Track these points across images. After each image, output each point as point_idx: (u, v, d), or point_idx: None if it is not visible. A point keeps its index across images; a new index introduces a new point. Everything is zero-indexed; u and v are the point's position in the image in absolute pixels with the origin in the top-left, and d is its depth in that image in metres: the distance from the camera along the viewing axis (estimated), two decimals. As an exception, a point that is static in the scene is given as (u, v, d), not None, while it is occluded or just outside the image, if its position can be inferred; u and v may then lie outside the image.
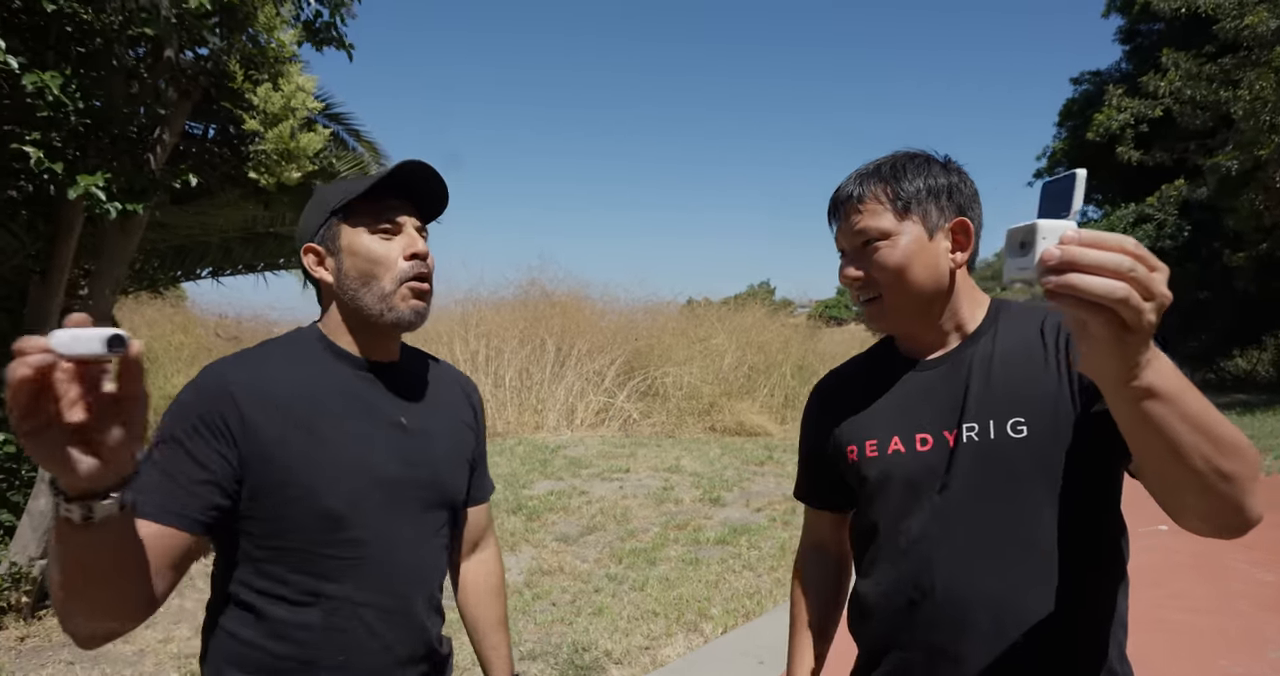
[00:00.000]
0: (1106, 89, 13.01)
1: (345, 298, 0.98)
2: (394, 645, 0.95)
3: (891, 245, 0.92)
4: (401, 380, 1.03)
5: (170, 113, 3.32)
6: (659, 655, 3.12)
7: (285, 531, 0.90)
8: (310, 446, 0.91)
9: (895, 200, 0.93)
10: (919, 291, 0.93)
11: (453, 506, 1.06)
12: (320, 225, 0.99)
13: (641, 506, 5.66)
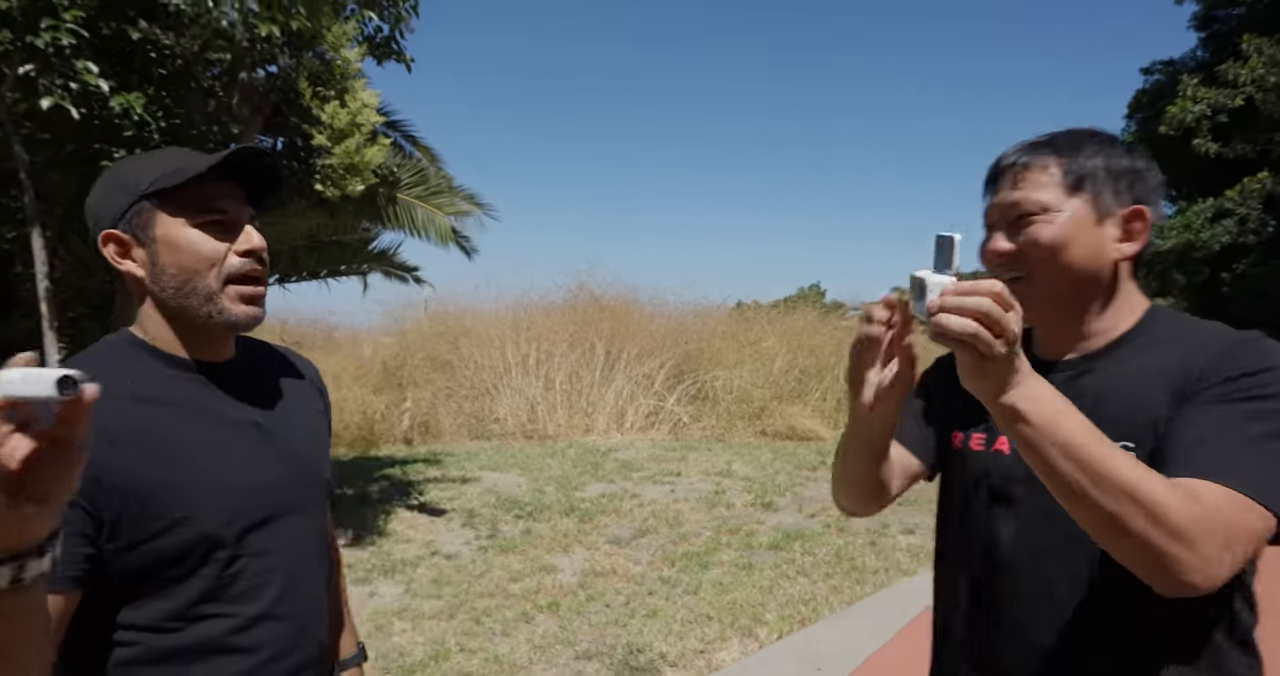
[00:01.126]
0: (1180, 79, 12.37)
1: (164, 296, 0.85)
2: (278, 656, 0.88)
3: (1048, 220, 0.83)
4: (244, 378, 0.93)
5: (243, 129, 3.50)
6: (714, 659, 3.11)
7: (155, 564, 0.80)
8: (164, 471, 0.80)
9: (1066, 173, 0.83)
10: (1073, 277, 0.83)
11: (325, 498, 1.02)
12: (125, 209, 0.84)
13: (693, 510, 5.64)
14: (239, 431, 0.89)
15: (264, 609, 0.87)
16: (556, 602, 3.76)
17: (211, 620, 0.83)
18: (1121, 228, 0.84)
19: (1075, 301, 0.86)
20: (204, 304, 0.85)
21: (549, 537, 4.92)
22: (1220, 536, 0.64)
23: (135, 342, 0.88)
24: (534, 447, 8.65)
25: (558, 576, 4.20)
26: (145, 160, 0.89)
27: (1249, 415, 0.71)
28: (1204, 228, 12.90)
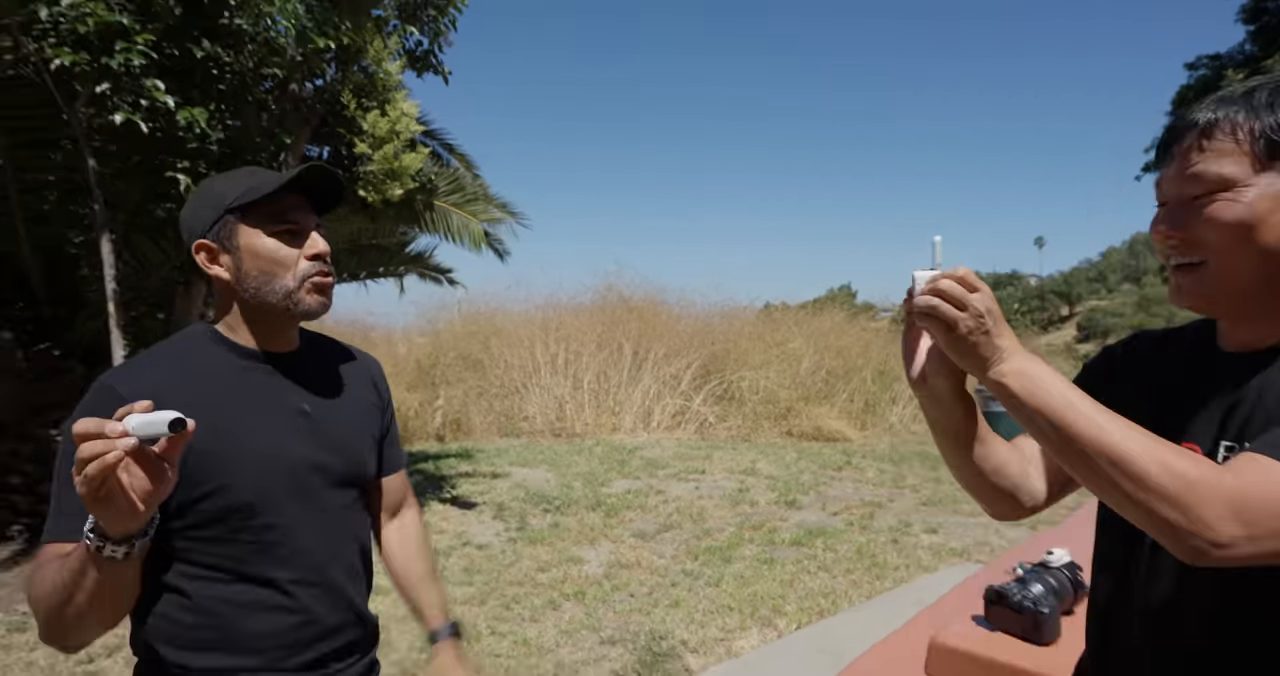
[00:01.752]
0: (1226, 74, 12.08)
1: (246, 295, 0.98)
2: (319, 617, 1.00)
3: (1234, 198, 0.70)
4: (301, 369, 1.05)
5: (294, 139, 3.73)
6: (733, 646, 3.23)
7: (202, 524, 0.93)
8: (215, 443, 0.92)
9: (1258, 138, 0.70)
10: (1261, 265, 0.71)
11: (361, 483, 1.11)
12: (214, 222, 0.98)
13: (717, 507, 5.76)
14: (286, 415, 1.01)
15: (300, 574, 0.99)
16: (583, 591, 3.92)
17: (255, 580, 0.96)
18: None
19: (1264, 292, 0.73)
20: (282, 300, 0.99)
21: (576, 530, 5.08)
22: (1223, 504, 0.60)
23: (211, 334, 1.02)
24: (562, 445, 8.83)
25: (584, 567, 4.35)
26: (228, 179, 1.03)
27: None
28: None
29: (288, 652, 0.98)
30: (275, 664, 0.97)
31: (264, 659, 0.96)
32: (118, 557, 0.75)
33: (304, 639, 0.99)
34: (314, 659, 1.00)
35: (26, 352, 4.73)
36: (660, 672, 3.00)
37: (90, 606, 0.80)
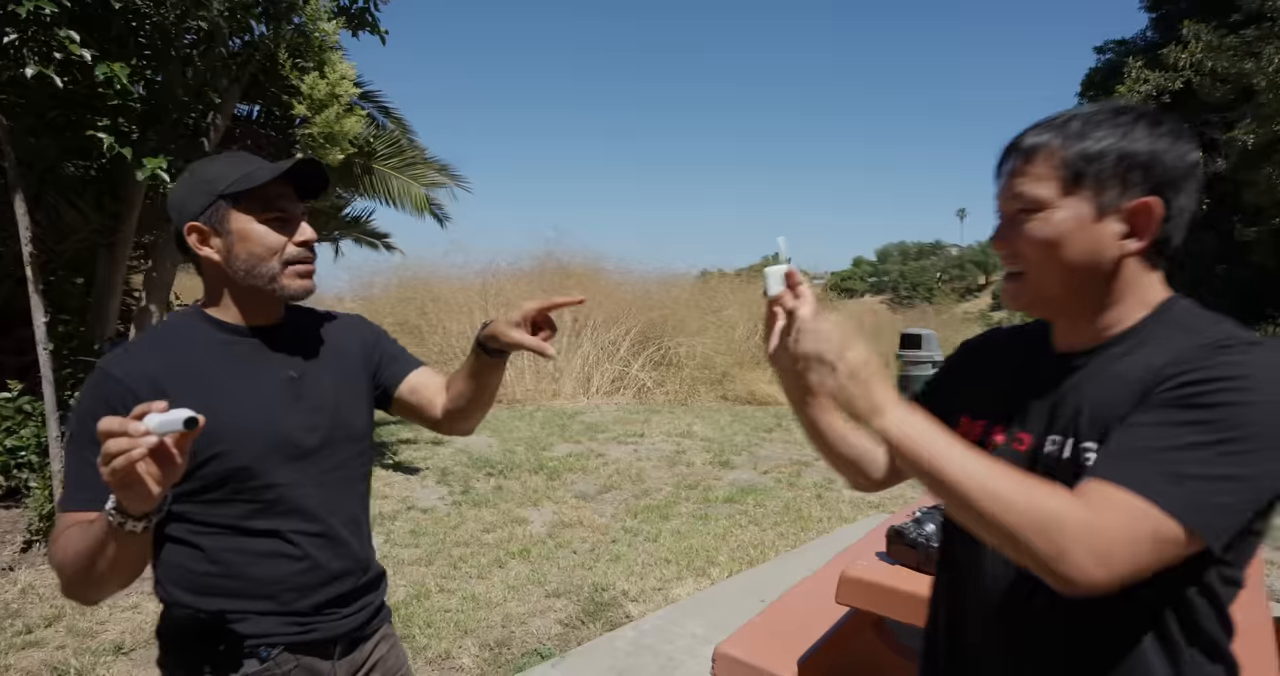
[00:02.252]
0: (1127, 61, 12.87)
1: (235, 276, 1.05)
2: (323, 563, 1.09)
3: (1045, 219, 0.79)
4: (285, 339, 1.12)
5: (223, 98, 3.60)
6: (670, 594, 3.47)
7: (206, 488, 1.02)
8: (217, 413, 0.96)
9: (1066, 165, 0.78)
10: (1067, 277, 0.80)
11: (357, 437, 1.18)
12: (207, 206, 1.03)
13: (655, 468, 6.00)
14: (275, 383, 1.09)
15: (302, 525, 1.08)
16: (527, 550, 4.08)
17: (260, 533, 1.05)
18: (1127, 222, 0.78)
19: (1073, 299, 0.83)
20: (268, 282, 1.06)
21: (519, 493, 5.23)
22: (1086, 548, 0.64)
23: (198, 314, 1.10)
24: (503, 411, 8.90)
25: (528, 527, 4.51)
26: (221, 163, 1.08)
27: (1181, 422, 0.69)
28: (1144, 204, 13.58)
29: (296, 596, 1.07)
30: (285, 607, 1.06)
31: (274, 603, 1.06)
32: (136, 532, 0.85)
33: (310, 583, 1.08)
34: (321, 602, 1.09)
35: (-72, 319, 4.45)
36: (603, 620, 3.20)
37: (111, 571, 0.90)
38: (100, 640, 3.02)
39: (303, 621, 1.08)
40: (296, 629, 1.08)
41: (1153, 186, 0.77)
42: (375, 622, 1.20)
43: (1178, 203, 0.78)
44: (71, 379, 3.95)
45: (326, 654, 1.11)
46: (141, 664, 2.84)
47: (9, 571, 3.74)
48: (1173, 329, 0.79)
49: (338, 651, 1.13)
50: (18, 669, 2.78)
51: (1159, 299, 0.82)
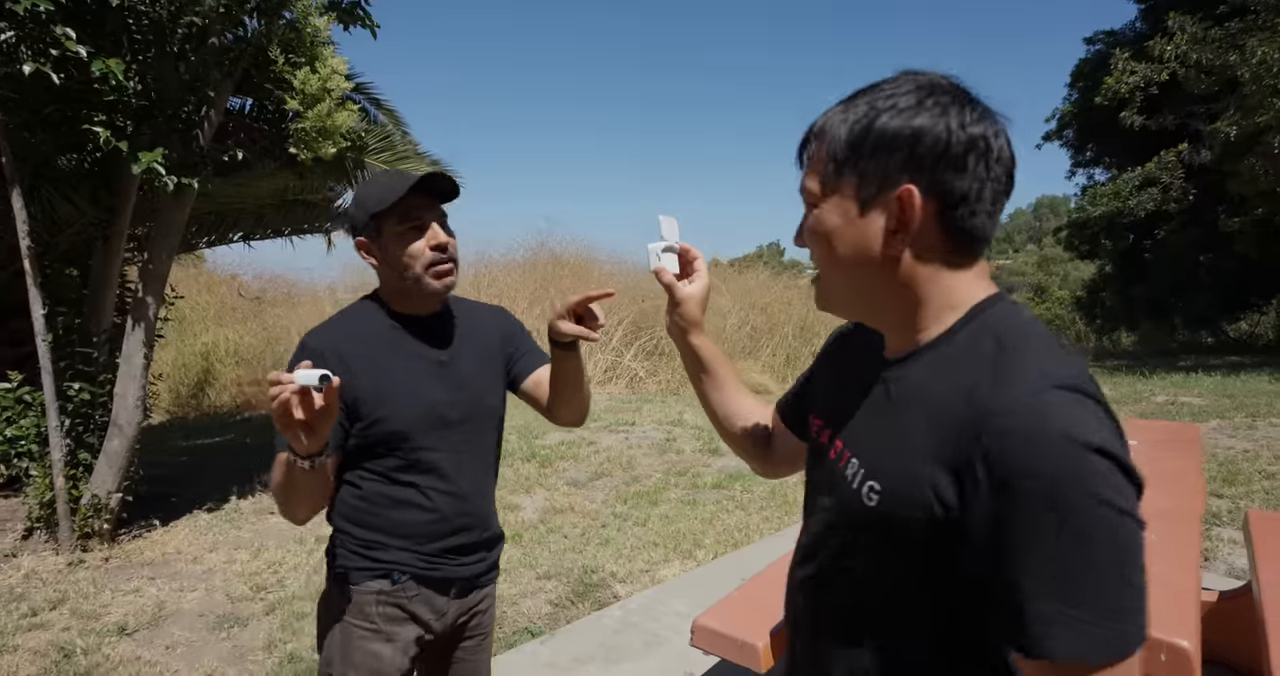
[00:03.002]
0: (1114, 53, 12.94)
1: (392, 278, 1.30)
2: (448, 516, 1.32)
3: (817, 216, 0.72)
4: (439, 328, 1.36)
5: (217, 93, 3.65)
6: (657, 575, 3.59)
7: (371, 445, 1.28)
8: (381, 387, 1.26)
9: (831, 156, 0.69)
10: (848, 278, 0.72)
11: (491, 415, 1.41)
12: (364, 223, 1.28)
13: (645, 456, 6.12)
14: (427, 364, 1.32)
15: (437, 484, 1.31)
16: (519, 534, 4.19)
17: (401, 483, 1.30)
18: (889, 215, 0.67)
19: (869, 302, 0.73)
20: (413, 283, 1.28)
21: (512, 480, 5.33)
22: None
23: (374, 303, 1.35)
24: (496, 400, 8.99)
25: (520, 513, 4.62)
26: (375, 184, 1.29)
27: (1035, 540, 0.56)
28: (1131, 195, 13.69)
29: (425, 539, 1.31)
30: (413, 546, 1.31)
31: (408, 541, 1.31)
32: (305, 468, 1.09)
33: (437, 531, 1.32)
34: (445, 548, 1.33)
35: (-74, 310, 4.50)
36: (591, 600, 3.32)
37: (295, 497, 1.18)
38: (103, 622, 3.12)
39: (429, 560, 1.32)
40: (423, 565, 1.32)
41: (917, 170, 0.65)
42: (488, 577, 1.43)
43: (957, 184, 0.65)
44: (70, 369, 4.02)
45: (444, 591, 1.35)
46: (144, 643, 2.94)
47: (12, 557, 3.84)
48: (970, 348, 0.67)
49: (453, 591, 1.37)
50: (25, 648, 2.88)
51: (971, 301, 0.70)
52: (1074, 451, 0.55)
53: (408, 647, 1.32)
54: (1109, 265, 17.17)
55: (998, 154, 0.67)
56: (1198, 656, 1.25)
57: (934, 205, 0.66)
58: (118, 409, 3.91)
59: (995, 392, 0.60)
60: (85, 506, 3.86)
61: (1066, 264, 38.39)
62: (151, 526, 4.27)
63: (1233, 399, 7.75)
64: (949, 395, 0.63)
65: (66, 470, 3.82)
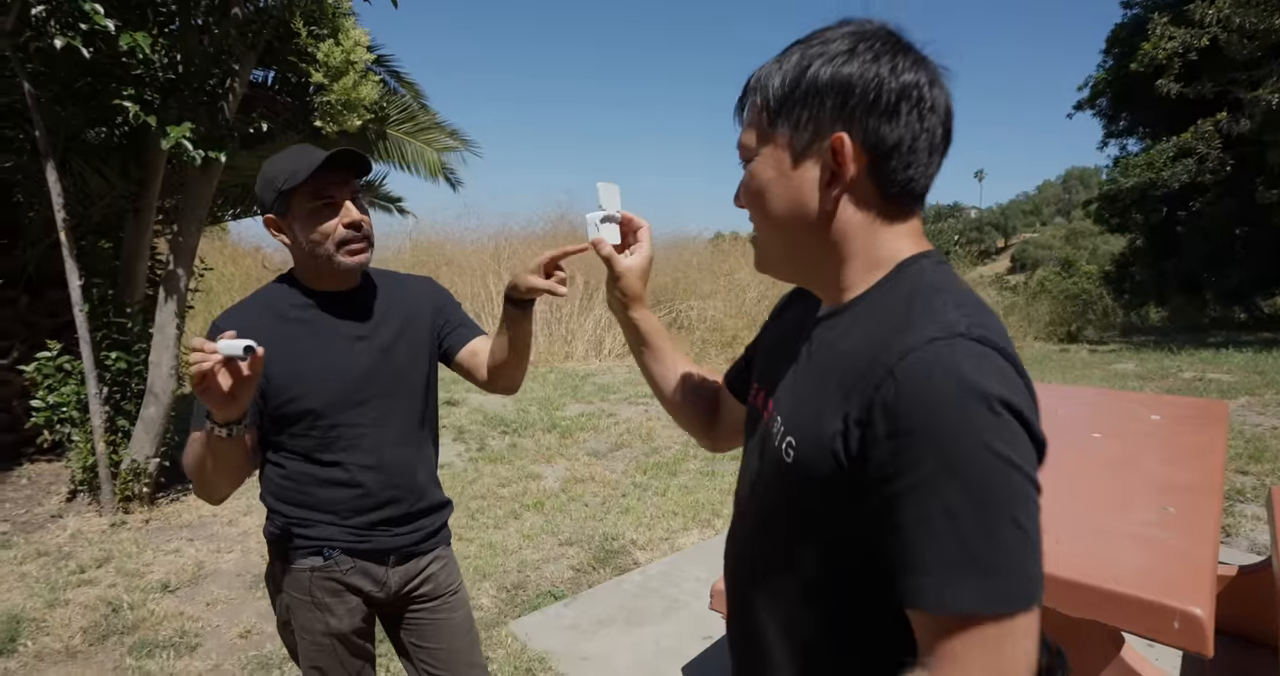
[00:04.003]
0: (1152, 17, 12.46)
1: (304, 255, 1.26)
2: (373, 492, 1.31)
3: (751, 171, 0.71)
4: (357, 302, 1.33)
5: (240, 66, 3.68)
6: (676, 543, 3.67)
7: (287, 423, 1.27)
8: (294, 365, 1.24)
9: (765, 101, 0.68)
10: (783, 235, 0.71)
11: (414, 389, 1.37)
12: (273, 201, 1.23)
13: (665, 427, 6.18)
14: (344, 340, 1.30)
15: (359, 460, 1.30)
16: (541, 502, 4.29)
17: (326, 463, 1.29)
18: (823, 166, 0.66)
19: (802, 261, 0.72)
20: (325, 261, 1.26)
21: (533, 450, 5.43)
22: None
23: (289, 281, 1.33)
24: (516, 372, 9.09)
25: (542, 482, 4.72)
26: (281, 161, 1.25)
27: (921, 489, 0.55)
28: (1165, 166, 13.30)
29: (351, 514, 1.31)
30: (343, 521, 1.31)
31: (335, 516, 1.31)
32: (223, 436, 1.08)
33: (362, 506, 1.31)
34: (373, 521, 1.32)
35: (-33, 281, 4.64)
36: (612, 566, 3.41)
37: (214, 470, 1.15)
38: (147, 579, 3.26)
39: (359, 534, 1.32)
40: (353, 538, 1.32)
41: (849, 118, 0.64)
42: (430, 543, 1.41)
43: (889, 133, 0.64)
44: (106, 339, 4.14)
45: (381, 561, 1.35)
46: (186, 600, 3.08)
47: (58, 518, 4.01)
48: (885, 305, 0.66)
49: (391, 560, 1.36)
50: (76, 603, 3.03)
51: (895, 260, 0.68)
52: (968, 400, 0.54)
53: (354, 613, 1.34)
54: (1140, 239, 16.77)
55: (931, 103, 0.64)
56: (1210, 623, 1.27)
57: (866, 156, 0.65)
58: (153, 377, 4.03)
59: (900, 339, 0.58)
60: (125, 471, 4.01)
61: (1095, 238, 37.48)
62: (187, 490, 4.43)
63: (1264, 376, 7.62)
64: (859, 347, 0.63)
65: (106, 436, 3.96)
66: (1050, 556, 0.68)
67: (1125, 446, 2.38)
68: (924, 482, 0.54)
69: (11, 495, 4.38)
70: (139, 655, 2.61)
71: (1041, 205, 75.29)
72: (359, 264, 1.28)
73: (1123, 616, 1.33)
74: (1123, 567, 1.41)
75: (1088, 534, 1.60)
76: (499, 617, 2.91)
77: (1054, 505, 2.01)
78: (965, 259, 22.17)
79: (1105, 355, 11.36)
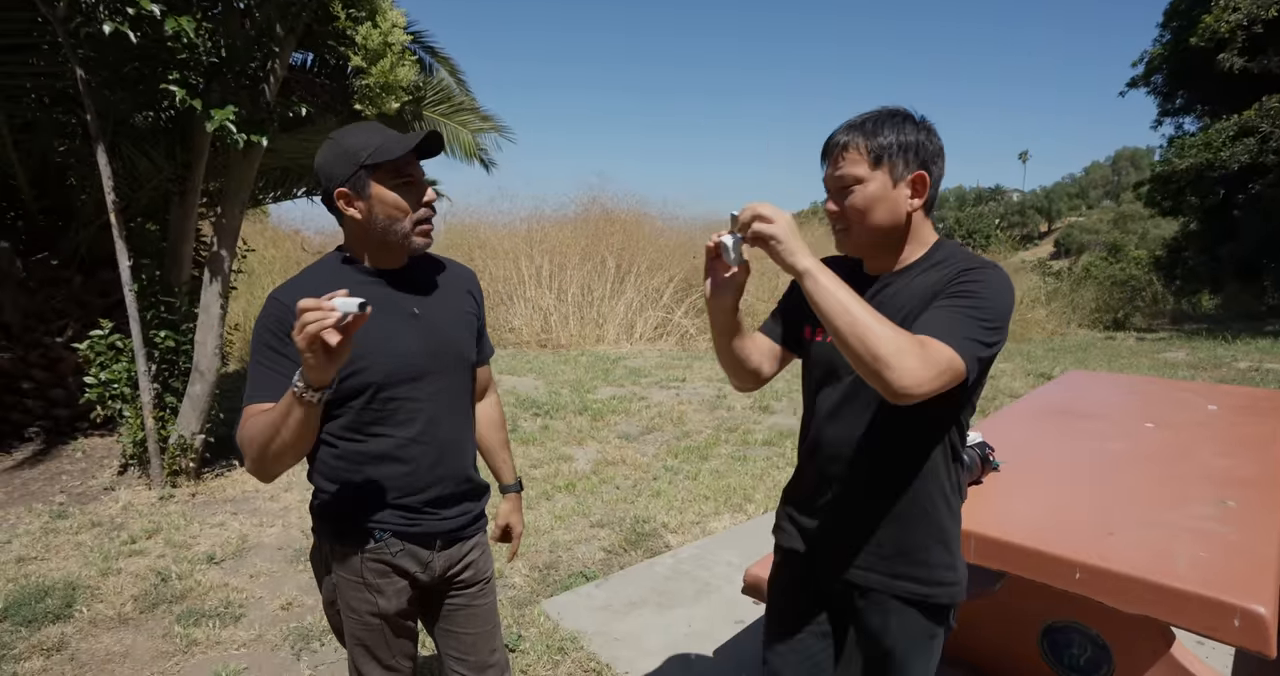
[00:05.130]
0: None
1: (374, 232, 1.26)
2: (424, 469, 1.31)
3: (862, 189, 1.17)
4: (410, 281, 1.34)
5: (280, 48, 3.71)
6: (707, 527, 3.66)
7: (345, 398, 1.26)
8: (358, 338, 1.15)
9: (870, 153, 1.15)
10: (877, 228, 1.19)
11: (466, 367, 1.41)
12: (351, 175, 1.22)
13: (696, 411, 6.16)
14: (400, 316, 1.31)
15: (412, 435, 1.30)
16: (573, 484, 4.32)
17: (378, 437, 1.29)
18: (911, 188, 1.17)
19: (884, 242, 1.22)
20: (400, 239, 1.27)
21: (565, 432, 5.47)
22: (920, 358, 0.97)
23: (342, 257, 1.32)
24: (548, 355, 9.16)
25: (573, 464, 4.75)
26: (359, 134, 1.25)
27: (953, 299, 1.09)
28: (1224, 146, 12.68)
29: (401, 493, 1.31)
30: (394, 500, 1.31)
31: (387, 496, 1.31)
32: (314, 402, 1.06)
33: (414, 485, 1.32)
34: (423, 502, 1.33)
35: (24, 262, 4.81)
36: (644, 548, 3.42)
37: (291, 439, 1.11)
38: (194, 551, 3.38)
39: (409, 517, 1.33)
40: (404, 521, 1.32)
41: (921, 163, 1.17)
42: (472, 528, 1.43)
43: (936, 173, 1.19)
44: (156, 319, 4.27)
45: (428, 545, 1.36)
46: (231, 572, 3.18)
47: (111, 490, 4.17)
48: (944, 258, 1.20)
49: (438, 544, 1.37)
50: (128, 572, 3.16)
51: (933, 239, 1.24)
52: (993, 264, 1.15)
53: (401, 594, 1.35)
54: (1194, 222, 16.10)
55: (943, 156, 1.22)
56: (1274, 622, 1.21)
57: (928, 184, 1.19)
58: (198, 356, 4.15)
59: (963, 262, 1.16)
60: (173, 446, 4.15)
61: (1145, 221, 36.04)
62: (232, 466, 4.56)
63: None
64: (934, 279, 1.17)
65: (155, 412, 4.09)
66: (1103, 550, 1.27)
67: (1179, 437, 2.30)
68: (972, 290, 1.10)
69: (67, 467, 4.57)
70: (187, 623, 2.71)
71: (1088, 188, 72.63)
72: (428, 244, 1.31)
73: (1179, 613, 1.28)
74: (1180, 563, 1.36)
75: (1142, 527, 1.55)
76: (531, 596, 2.94)
77: (1106, 496, 1.95)
78: (1006, 243, 21.54)
79: (1154, 343, 10.97)
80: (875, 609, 1.24)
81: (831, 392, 1.27)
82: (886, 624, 1.23)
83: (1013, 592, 1.87)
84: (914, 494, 1.20)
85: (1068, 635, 1.78)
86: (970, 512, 1.72)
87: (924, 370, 0.98)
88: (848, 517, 1.26)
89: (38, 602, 2.83)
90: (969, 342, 1.04)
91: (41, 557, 3.31)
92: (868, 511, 1.23)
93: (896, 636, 1.22)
